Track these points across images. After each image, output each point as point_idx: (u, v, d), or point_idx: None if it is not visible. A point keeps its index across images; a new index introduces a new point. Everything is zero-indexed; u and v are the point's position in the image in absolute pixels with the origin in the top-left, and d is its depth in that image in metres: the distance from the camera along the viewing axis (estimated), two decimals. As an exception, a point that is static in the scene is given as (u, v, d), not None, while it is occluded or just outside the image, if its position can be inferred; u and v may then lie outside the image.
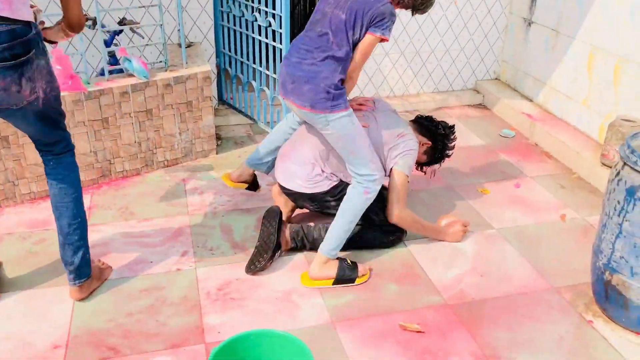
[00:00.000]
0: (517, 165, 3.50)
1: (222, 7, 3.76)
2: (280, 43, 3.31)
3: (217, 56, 3.93)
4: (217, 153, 3.56)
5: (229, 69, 3.90)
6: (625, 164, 2.07)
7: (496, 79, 4.54)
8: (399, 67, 4.27)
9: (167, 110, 3.24)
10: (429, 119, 2.88)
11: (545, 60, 3.93)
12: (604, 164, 3.20)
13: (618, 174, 2.10)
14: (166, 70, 3.25)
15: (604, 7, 3.35)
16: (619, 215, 2.08)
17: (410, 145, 2.62)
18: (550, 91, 3.91)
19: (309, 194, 2.57)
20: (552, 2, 3.82)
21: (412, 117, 2.94)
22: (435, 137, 2.83)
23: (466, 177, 3.33)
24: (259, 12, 3.41)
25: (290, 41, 3.31)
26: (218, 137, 3.75)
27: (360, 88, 4.20)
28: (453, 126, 2.88)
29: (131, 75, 3.12)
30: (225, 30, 3.80)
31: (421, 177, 3.24)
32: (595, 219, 2.90)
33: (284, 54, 3.30)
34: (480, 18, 4.28)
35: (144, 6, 3.21)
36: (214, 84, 3.98)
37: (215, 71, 3.96)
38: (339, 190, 2.53)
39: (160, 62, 3.33)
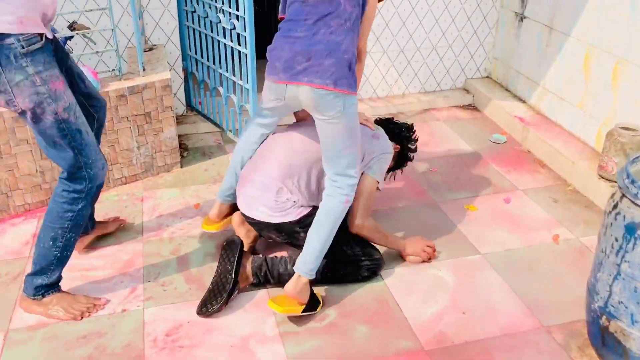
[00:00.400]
0: (507, 176, 3.21)
1: (186, 6, 3.46)
2: (246, 47, 3.01)
3: (184, 59, 3.64)
4: (181, 166, 3.28)
5: (196, 73, 3.61)
6: (623, 195, 1.79)
7: (487, 77, 4.24)
8: (381, 67, 3.97)
9: (122, 123, 2.96)
10: (391, 120, 2.66)
11: (538, 58, 3.63)
12: (601, 177, 2.91)
13: (616, 206, 1.82)
14: (121, 79, 2.96)
15: (602, 2, 3.04)
16: (616, 255, 1.81)
17: (385, 147, 2.41)
18: (543, 92, 3.62)
19: (274, 223, 2.29)
20: (545, -4, 3.52)
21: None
22: (402, 140, 2.62)
23: (451, 191, 3.05)
24: (223, 13, 3.11)
25: (256, 43, 3.03)
26: (184, 148, 3.46)
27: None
28: (412, 125, 2.68)
29: (80, 86, 2.84)
30: (191, 31, 3.50)
31: (400, 192, 2.97)
32: (591, 239, 2.63)
33: (249, 59, 3.01)
34: (469, 12, 3.97)
35: (90, 10, 2.90)
36: (181, 89, 3.69)
37: (182, 75, 3.67)
38: (310, 221, 2.24)
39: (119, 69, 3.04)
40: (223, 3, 3.08)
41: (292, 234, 2.32)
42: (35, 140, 2.64)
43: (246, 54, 3.02)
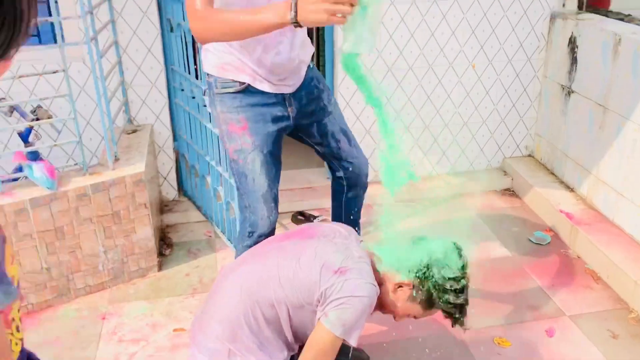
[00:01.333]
0: (551, 294, 2.59)
1: (175, 82, 3.04)
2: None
3: (175, 139, 3.21)
4: (160, 269, 2.80)
5: (186, 155, 3.17)
6: None
7: (529, 155, 3.64)
8: (403, 145, 3.43)
9: (84, 225, 2.52)
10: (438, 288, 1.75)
11: (590, 141, 3.02)
12: (674, 308, 2.27)
13: None
14: (85, 174, 2.54)
15: (670, 82, 2.45)
16: None
17: (353, 288, 1.64)
18: (596, 182, 2.99)
19: None
20: (596, 68, 2.93)
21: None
22: (419, 273, 1.75)
23: (479, 316, 2.45)
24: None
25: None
26: (168, 244, 3.00)
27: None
28: (459, 251, 1.78)
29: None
30: (181, 109, 3.08)
31: (410, 320, 2.39)
32: (665, 402, 1.99)
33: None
34: (506, 84, 3.41)
35: (46, 97, 2.49)
36: (173, 172, 3.25)
37: (174, 156, 3.24)
38: None
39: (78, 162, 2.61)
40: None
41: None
42: (97, 219, 2.54)
43: (230, 146, 2.54)
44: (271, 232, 2.08)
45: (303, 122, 2.06)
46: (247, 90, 1.92)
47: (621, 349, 2.26)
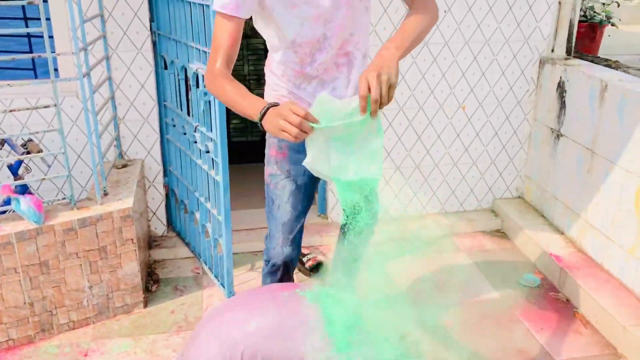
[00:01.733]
0: (540, 337, 2.56)
1: (167, 117, 3.07)
2: (218, 174, 2.55)
3: (165, 174, 3.21)
4: (145, 306, 2.77)
5: (176, 190, 3.17)
6: None
7: (519, 197, 3.65)
8: (394, 185, 3.45)
9: (70, 260, 2.49)
10: None
11: (579, 185, 3.04)
12: (663, 355, 2.25)
13: None
14: (73, 209, 2.53)
15: (656, 129, 2.48)
16: None
17: None
18: (585, 226, 3.00)
19: None
20: (584, 113, 2.97)
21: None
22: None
23: None
24: (200, 133, 2.68)
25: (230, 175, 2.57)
26: (155, 280, 2.97)
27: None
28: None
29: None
30: (172, 145, 3.09)
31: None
32: None
33: (222, 188, 2.54)
34: (496, 126, 3.45)
35: (36, 132, 2.48)
36: (162, 207, 3.24)
37: (164, 192, 3.23)
38: None
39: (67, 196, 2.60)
40: (199, 121, 2.66)
41: None
42: (83, 254, 2.53)
43: (219, 182, 2.55)
44: (285, 266, 2.04)
45: None
46: None
47: (610, 397, 2.23)
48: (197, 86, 2.59)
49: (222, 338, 1.69)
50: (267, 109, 1.54)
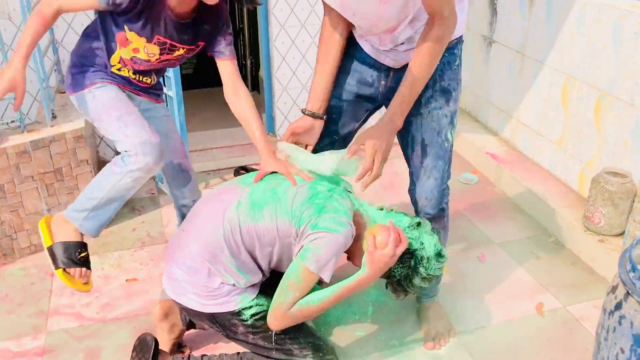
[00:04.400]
0: (481, 225, 2.82)
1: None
2: (170, 89, 2.56)
3: (111, 98, 3.17)
4: (107, 226, 2.80)
5: (124, 114, 3.15)
6: (629, 294, 1.39)
7: (455, 105, 3.85)
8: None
9: (26, 183, 2.48)
10: None
11: (510, 87, 3.26)
12: (587, 229, 2.54)
13: (619, 306, 1.42)
14: (23, 132, 2.49)
15: (579, 29, 2.68)
16: (623, 371, 1.41)
17: (330, 224, 1.67)
18: (517, 125, 3.25)
19: (207, 313, 1.84)
20: (514, 19, 3.15)
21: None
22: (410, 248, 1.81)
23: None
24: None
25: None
26: (111, 203, 2.99)
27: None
28: (443, 257, 1.85)
29: (-29, 143, 2.37)
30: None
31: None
32: (579, 308, 2.25)
33: (176, 103, 2.57)
34: (432, 36, 3.58)
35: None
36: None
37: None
38: (252, 312, 1.81)
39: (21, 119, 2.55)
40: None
41: (228, 326, 1.86)
42: (39, 177, 2.50)
43: (172, 97, 2.57)
44: None
45: (388, 105, 1.83)
46: (353, 41, 1.89)
47: (544, 268, 2.52)
48: None
49: (224, 212, 1.77)
50: None
